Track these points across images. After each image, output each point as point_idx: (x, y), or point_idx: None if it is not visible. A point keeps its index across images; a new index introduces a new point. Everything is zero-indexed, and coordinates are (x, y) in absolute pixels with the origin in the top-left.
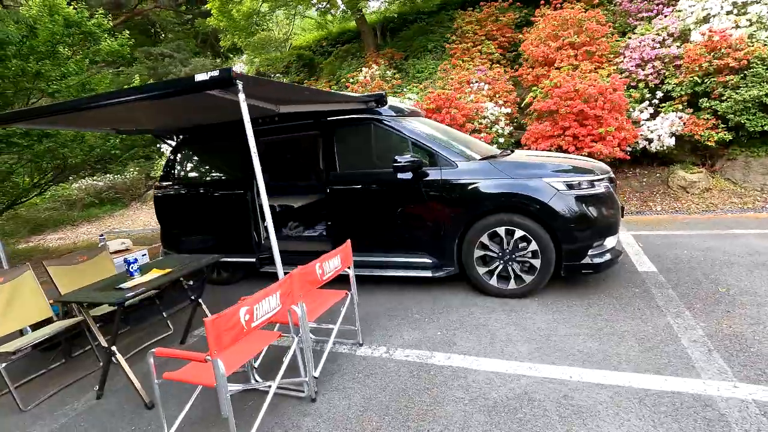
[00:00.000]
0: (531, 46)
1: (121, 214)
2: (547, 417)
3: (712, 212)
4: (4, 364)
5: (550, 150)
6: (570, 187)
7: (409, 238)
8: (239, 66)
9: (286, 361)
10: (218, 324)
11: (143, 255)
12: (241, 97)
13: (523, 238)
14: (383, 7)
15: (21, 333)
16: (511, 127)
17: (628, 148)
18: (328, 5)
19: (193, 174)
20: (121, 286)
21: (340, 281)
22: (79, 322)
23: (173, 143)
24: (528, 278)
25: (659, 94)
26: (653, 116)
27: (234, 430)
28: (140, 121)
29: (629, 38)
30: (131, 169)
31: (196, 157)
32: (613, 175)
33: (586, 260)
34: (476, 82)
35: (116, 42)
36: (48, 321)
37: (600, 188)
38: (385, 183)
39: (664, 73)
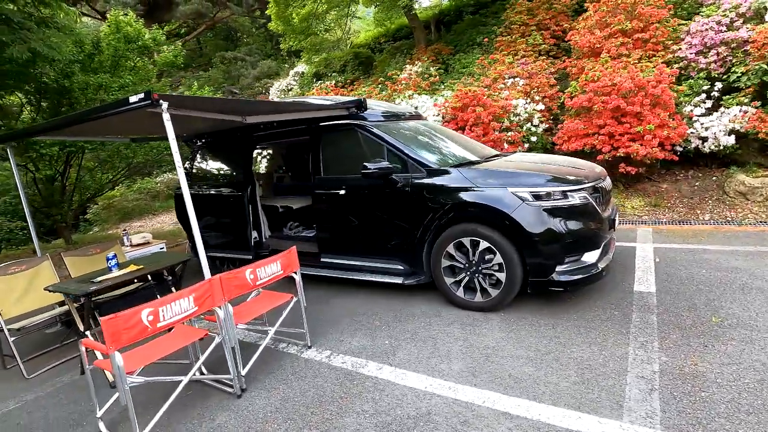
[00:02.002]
0: (577, 35)
1: None
2: None
3: None
4: (12, 339)
5: (583, 150)
6: (537, 197)
7: (383, 244)
8: (300, 67)
9: (203, 357)
10: (114, 323)
11: (161, 248)
12: (166, 116)
13: (488, 250)
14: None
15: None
16: (547, 125)
17: (679, 148)
18: (382, 4)
19: (202, 176)
20: (95, 279)
21: (327, 281)
22: (81, 305)
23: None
24: (494, 292)
25: (719, 85)
26: (712, 110)
27: (132, 416)
28: (158, 129)
29: (695, 21)
30: None
31: (206, 161)
32: (603, 185)
33: (554, 277)
34: (512, 77)
35: (170, 53)
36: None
37: (574, 200)
38: (360, 188)
39: (731, 61)
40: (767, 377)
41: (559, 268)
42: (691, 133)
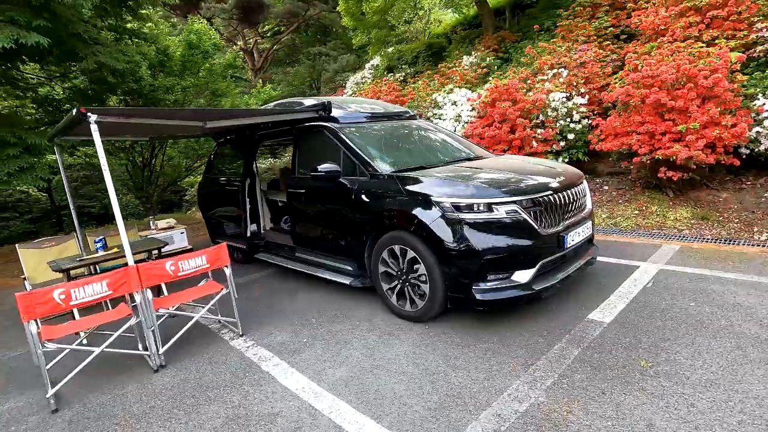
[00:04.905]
0: (642, 15)
1: None
2: None
3: None
4: None
5: (619, 150)
6: (457, 208)
7: (337, 244)
8: (376, 60)
9: (116, 334)
10: (27, 298)
11: (181, 233)
12: (93, 127)
13: (415, 260)
14: None
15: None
16: (593, 121)
17: (745, 150)
18: None
19: (215, 169)
20: (78, 258)
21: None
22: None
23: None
24: (420, 303)
25: None
26: None
27: (45, 374)
28: (180, 130)
29: None
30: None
31: (220, 155)
32: (552, 197)
33: (472, 294)
34: (559, 67)
35: (229, 56)
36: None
37: (499, 213)
38: (317, 189)
39: None
40: None
41: (481, 286)
42: (759, 132)
